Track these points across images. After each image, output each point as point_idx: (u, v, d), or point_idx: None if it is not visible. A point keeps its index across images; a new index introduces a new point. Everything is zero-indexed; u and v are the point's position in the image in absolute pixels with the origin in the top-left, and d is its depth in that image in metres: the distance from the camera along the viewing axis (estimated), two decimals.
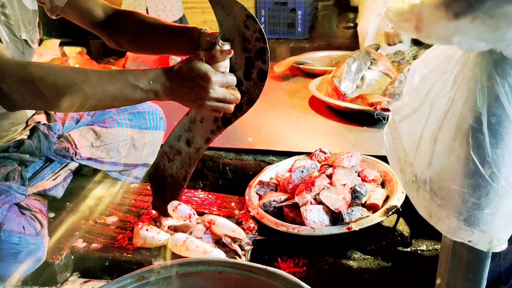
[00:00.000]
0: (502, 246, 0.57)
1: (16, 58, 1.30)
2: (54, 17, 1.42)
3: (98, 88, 1.06)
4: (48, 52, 2.86)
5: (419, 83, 0.60)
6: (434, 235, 1.51)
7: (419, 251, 1.45)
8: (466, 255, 0.64)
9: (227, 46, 1.18)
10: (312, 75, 2.81)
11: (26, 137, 1.45)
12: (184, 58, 1.17)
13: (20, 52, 1.31)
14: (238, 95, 1.16)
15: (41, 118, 1.58)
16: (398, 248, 1.44)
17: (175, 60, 2.69)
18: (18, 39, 1.28)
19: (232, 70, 1.21)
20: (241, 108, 1.25)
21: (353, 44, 3.48)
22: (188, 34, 1.27)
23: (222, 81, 1.12)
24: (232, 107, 1.16)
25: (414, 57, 2.67)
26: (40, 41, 1.50)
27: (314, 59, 2.99)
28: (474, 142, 0.52)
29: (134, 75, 1.09)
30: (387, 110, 1.90)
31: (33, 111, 1.45)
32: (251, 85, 1.22)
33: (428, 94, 0.58)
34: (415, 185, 0.60)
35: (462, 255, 0.65)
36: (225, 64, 1.18)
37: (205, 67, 1.10)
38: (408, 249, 1.45)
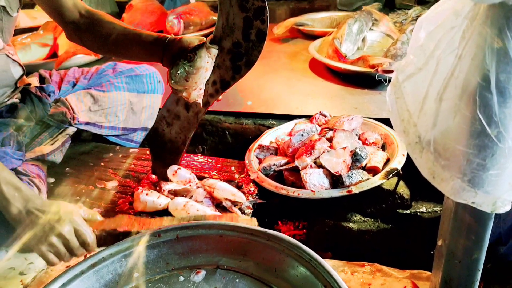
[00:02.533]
0: (506, 208, 0.57)
1: None
2: None
3: None
4: (43, 15, 2.78)
5: (425, 40, 0.57)
6: (434, 197, 1.51)
7: (418, 213, 1.46)
8: (468, 217, 0.63)
9: (214, 50, 1.17)
10: (312, 36, 2.76)
11: (18, 101, 1.43)
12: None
13: None
14: (67, 258, 1.06)
15: (33, 80, 1.55)
16: (398, 210, 1.44)
17: (172, 22, 2.63)
18: None
19: (230, 31, 1.18)
20: (240, 70, 1.22)
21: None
22: (156, 43, 1.24)
23: (64, 235, 1.04)
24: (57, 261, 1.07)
25: (417, 18, 2.61)
26: (33, 5, 1.46)
27: (314, 20, 2.93)
28: (481, 100, 0.50)
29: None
30: (389, 72, 1.87)
31: (21, 73, 1.42)
32: (249, 46, 1.18)
33: (434, 51, 0.55)
34: (418, 146, 0.58)
35: (464, 217, 0.64)
36: (202, 63, 1.15)
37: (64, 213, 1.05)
38: (408, 211, 1.45)
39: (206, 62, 1.15)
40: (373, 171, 1.42)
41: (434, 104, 0.55)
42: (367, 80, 2.02)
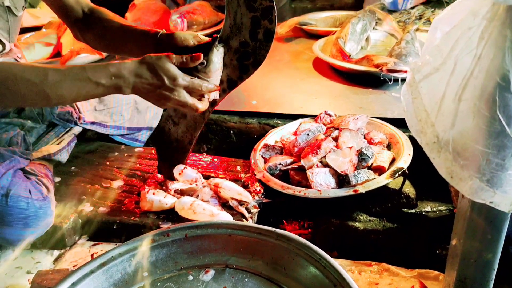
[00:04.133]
0: None
1: (1, 26, 1.27)
2: None
3: (59, 89, 1.04)
4: (45, 14, 2.78)
5: (441, 40, 0.57)
6: (439, 197, 1.52)
7: (423, 213, 1.46)
8: (484, 217, 0.64)
9: (221, 49, 1.16)
10: (316, 36, 2.76)
11: None
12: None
13: (5, 21, 1.28)
14: (200, 106, 1.14)
15: None
16: (403, 209, 1.45)
17: (176, 21, 2.63)
18: (0, 5, 1.24)
19: (238, 30, 1.18)
20: (247, 70, 1.22)
21: (356, 3, 3.39)
22: (147, 39, 1.25)
23: (188, 86, 1.10)
24: (195, 111, 1.14)
25: (420, 17, 2.61)
26: (36, 4, 1.47)
27: (318, 19, 2.93)
28: (501, 101, 0.51)
29: (94, 72, 1.06)
30: (394, 71, 1.87)
31: None
32: (257, 46, 1.19)
33: (452, 52, 0.56)
34: (436, 146, 0.59)
35: (480, 217, 0.64)
36: (216, 67, 1.15)
37: (174, 69, 1.08)
38: (413, 211, 1.46)
39: (220, 63, 1.16)
40: (379, 170, 1.42)
41: (452, 104, 0.55)
42: (372, 80, 2.02)
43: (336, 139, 1.50)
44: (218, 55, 1.14)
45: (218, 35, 1.19)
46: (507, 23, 0.49)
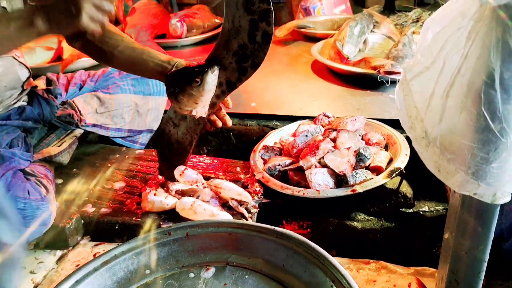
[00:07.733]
0: (506, 199, 0.60)
1: None
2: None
3: None
4: None
5: (432, 40, 0.60)
6: (436, 196, 1.53)
7: (421, 212, 1.48)
8: (474, 209, 0.66)
9: (216, 71, 1.21)
10: (314, 39, 2.79)
11: (25, 103, 1.45)
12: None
13: None
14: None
15: (40, 83, 1.58)
16: (401, 209, 1.46)
17: (175, 25, 2.66)
18: None
19: (236, 33, 1.20)
20: (246, 72, 1.25)
21: (354, 7, 3.43)
22: (167, 65, 1.27)
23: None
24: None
25: (417, 19, 2.64)
26: None
27: (316, 22, 2.96)
28: (486, 97, 0.53)
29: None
30: (391, 73, 1.89)
31: (27, 75, 1.44)
32: (255, 48, 1.21)
33: (441, 51, 0.58)
34: (425, 141, 0.61)
35: (471, 209, 0.67)
36: (209, 87, 1.20)
37: None
38: (411, 210, 1.48)
39: (213, 84, 1.20)
40: (377, 170, 1.44)
41: (440, 101, 0.58)
42: (369, 82, 2.04)
43: (334, 140, 1.52)
44: (212, 76, 1.18)
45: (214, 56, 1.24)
46: (493, 24, 0.52)
